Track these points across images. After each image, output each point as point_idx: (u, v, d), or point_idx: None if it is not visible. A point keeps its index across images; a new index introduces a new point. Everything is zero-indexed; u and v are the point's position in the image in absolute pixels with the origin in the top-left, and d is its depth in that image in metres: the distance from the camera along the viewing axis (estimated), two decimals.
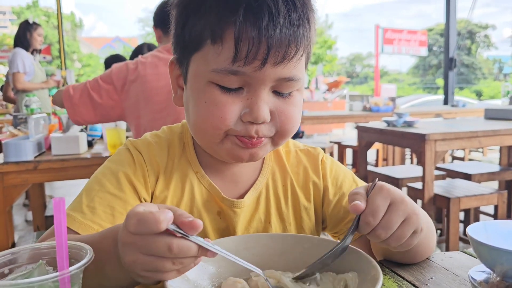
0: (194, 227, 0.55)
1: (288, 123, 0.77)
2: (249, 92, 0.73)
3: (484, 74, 34.89)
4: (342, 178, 0.96)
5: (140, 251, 0.55)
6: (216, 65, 0.71)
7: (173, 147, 0.90)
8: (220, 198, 0.86)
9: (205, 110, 0.74)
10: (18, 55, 4.53)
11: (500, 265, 0.62)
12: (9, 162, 2.26)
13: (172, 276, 0.57)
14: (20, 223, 4.49)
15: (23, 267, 0.57)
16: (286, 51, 0.70)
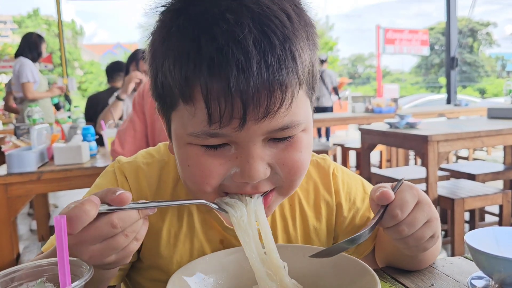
0: (123, 200, 0.57)
1: (294, 173, 0.67)
2: (237, 149, 0.63)
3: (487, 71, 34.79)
4: (355, 192, 0.90)
5: (91, 243, 0.57)
6: (192, 128, 0.62)
7: (167, 170, 0.82)
8: (222, 226, 0.81)
9: (190, 174, 0.67)
10: (26, 66, 4.56)
11: (498, 273, 0.62)
12: (13, 173, 2.27)
13: (133, 246, 0.58)
14: (24, 232, 4.50)
15: (24, 285, 0.57)
16: (268, 104, 0.59)
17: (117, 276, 0.80)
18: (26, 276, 0.58)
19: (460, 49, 8.47)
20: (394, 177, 3.50)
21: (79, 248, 0.57)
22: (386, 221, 0.66)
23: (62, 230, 0.52)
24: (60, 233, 0.52)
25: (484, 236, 0.70)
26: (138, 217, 0.59)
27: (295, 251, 0.74)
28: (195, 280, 0.67)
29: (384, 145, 4.59)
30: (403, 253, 0.76)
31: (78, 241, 0.57)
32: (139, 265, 0.83)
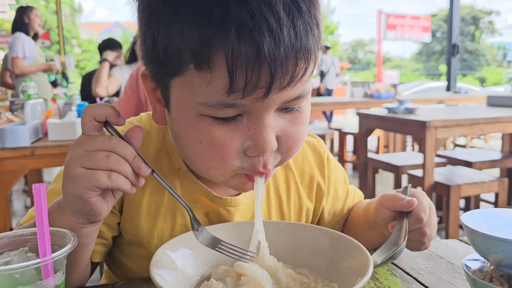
0: (135, 131, 0.60)
1: (295, 146, 0.66)
2: (250, 120, 0.60)
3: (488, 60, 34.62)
4: (340, 181, 0.93)
5: (82, 148, 0.57)
6: (205, 98, 0.57)
7: (148, 139, 0.78)
8: (210, 196, 0.77)
9: (202, 151, 0.63)
10: (18, 40, 4.48)
11: (494, 254, 0.61)
12: (6, 148, 2.25)
13: (102, 178, 0.56)
14: (19, 209, 4.50)
15: (5, 254, 0.55)
16: (294, 72, 0.57)
17: (99, 252, 0.77)
18: (7, 246, 0.56)
19: (461, 37, 8.40)
20: (391, 162, 3.49)
21: (71, 150, 0.59)
22: (412, 224, 0.73)
23: (42, 199, 0.50)
24: (39, 201, 0.50)
25: (480, 217, 0.68)
26: (131, 156, 0.58)
27: (287, 228, 0.73)
28: (180, 255, 0.65)
29: (382, 130, 4.57)
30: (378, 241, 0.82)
31: (77, 142, 0.58)
32: (119, 240, 0.80)
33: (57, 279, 0.52)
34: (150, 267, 0.57)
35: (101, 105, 0.59)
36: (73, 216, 0.61)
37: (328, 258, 0.67)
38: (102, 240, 0.77)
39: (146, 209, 0.76)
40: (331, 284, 0.63)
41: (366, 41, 43.05)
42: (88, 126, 0.58)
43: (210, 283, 0.60)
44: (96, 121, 0.59)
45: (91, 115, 0.58)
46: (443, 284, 0.71)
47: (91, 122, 0.58)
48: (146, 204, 0.77)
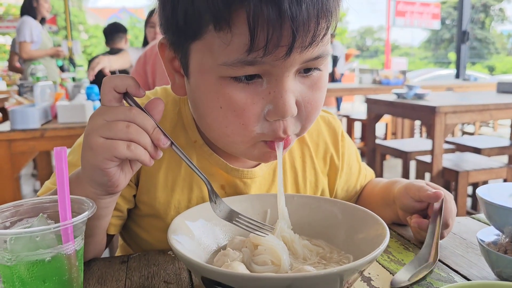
0: (155, 103, 0.60)
1: (314, 113, 0.66)
2: (270, 83, 0.60)
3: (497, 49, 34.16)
4: (353, 158, 0.94)
5: (102, 117, 0.58)
6: (226, 57, 0.57)
7: (164, 112, 0.74)
8: (226, 168, 0.78)
9: (222, 117, 0.63)
10: (26, 24, 4.48)
11: (509, 226, 0.61)
12: (16, 129, 2.26)
13: (122, 148, 0.56)
14: (28, 192, 4.54)
15: (24, 220, 0.56)
16: (315, 31, 0.56)
17: (115, 225, 0.78)
18: (26, 212, 0.57)
19: (471, 24, 8.29)
20: (399, 148, 3.48)
21: (91, 119, 0.59)
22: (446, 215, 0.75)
23: (63, 162, 0.50)
24: (60, 165, 0.50)
25: (496, 191, 0.68)
26: (151, 127, 0.58)
27: (302, 201, 0.73)
28: (197, 225, 0.66)
29: (391, 115, 4.55)
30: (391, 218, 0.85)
31: (98, 111, 0.58)
32: (136, 212, 0.81)
33: (76, 244, 0.53)
34: (168, 234, 0.57)
35: (121, 76, 0.59)
36: (91, 187, 0.61)
37: (344, 229, 0.67)
38: (118, 212, 0.77)
39: (163, 181, 0.77)
40: (346, 254, 0.64)
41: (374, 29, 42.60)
42: (108, 97, 0.58)
43: (226, 252, 0.60)
44: (116, 92, 0.58)
45: (111, 86, 0.58)
46: (456, 257, 0.72)
47: (111, 93, 0.58)
48: (163, 176, 0.77)
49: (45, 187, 0.77)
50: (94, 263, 0.72)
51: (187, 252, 0.53)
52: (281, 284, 0.47)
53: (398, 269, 0.67)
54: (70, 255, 0.52)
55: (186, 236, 0.62)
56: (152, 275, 0.67)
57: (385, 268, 0.68)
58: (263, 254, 0.60)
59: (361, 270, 0.52)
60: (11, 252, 0.50)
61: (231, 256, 0.59)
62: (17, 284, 0.51)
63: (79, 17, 25.50)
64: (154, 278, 0.66)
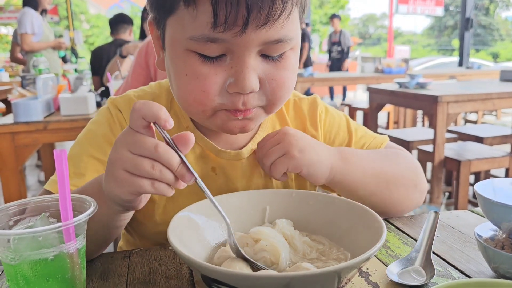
0: (186, 138, 0.57)
1: (279, 89, 0.70)
2: (232, 60, 0.65)
3: (502, 35, 33.85)
4: (335, 131, 0.93)
5: (127, 148, 0.57)
6: (193, 32, 0.63)
7: (158, 101, 0.82)
8: (215, 151, 0.82)
9: (186, 84, 0.68)
10: (27, 15, 4.47)
11: (507, 222, 0.61)
12: (19, 122, 2.28)
13: (146, 185, 0.57)
14: (33, 183, 4.58)
15: (27, 219, 0.57)
16: (270, 11, 0.61)
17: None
18: (29, 211, 0.58)
19: (475, 10, 8.22)
20: (401, 137, 3.47)
21: (117, 145, 0.58)
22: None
23: (63, 165, 0.51)
24: (61, 167, 0.51)
25: (494, 187, 0.68)
26: (176, 165, 0.57)
27: (300, 197, 0.74)
28: (197, 222, 0.67)
29: (392, 105, 4.53)
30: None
31: (124, 139, 0.58)
32: None
33: (78, 242, 0.54)
34: (167, 232, 0.58)
35: (152, 106, 0.56)
36: (113, 205, 0.63)
37: (342, 226, 0.68)
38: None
39: None
40: (344, 251, 0.65)
41: (377, 16, 42.24)
42: (137, 124, 0.57)
43: (227, 249, 0.61)
44: (145, 120, 0.57)
45: (140, 114, 0.56)
46: (454, 252, 0.72)
47: (140, 120, 0.56)
48: None
49: (52, 180, 0.78)
50: (96, 259, 0.73)
51: (186, 250, 0.54)
52: (280, 282, 0.48)
53: None
54: (72, 254, 0.53)
55: (186, 233, 0.63)
56: (154, 270, 0.69)
57: (383, 263, 0.69)
58: (265, 250, 0.60)
59: (359, 267, 0.53)
60: (15, 251, 0.51)
61: (232, 253, 0.60)
62: (21, 282, 0.52)
63: (80, 6, 25.37)
64: (156, 274, 0.67)
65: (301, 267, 0.56)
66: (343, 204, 0.70)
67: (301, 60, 9.08)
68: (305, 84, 5.41)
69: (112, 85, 2.69)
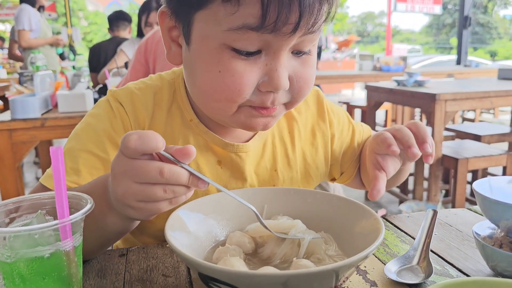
0: (186, 153, 0.55)
1: (306, 87, 0.70)
2: (267, 56, 0.64)
3: (500, 34, 33.86)
4: (342, 122, 0.95)
5: (132, 180, 0.55)
6: (231, 24, 0.60)
7: (160, 93, 0.81)
8: (221, 144, 0.80)
9: (219, 81, 0.65)
10: (24, 12, 4.45)
11: (505, 220, 0.61)
12: (17, 119, 2.27)
13: (164, 206, 0.57)
14: (31, 180, 4.57)
15: (23, 216, 0.57)
16: (317, 16, 0.61)
17: None
18: (25, 208, 0.57)
19: (474, 9, 8.22)
20: None
21: (119, 179, 0.57)
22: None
23: (60, 162, 0.51)
24: (57, 164, 0.50)
25: (492, 185, 0.68)
26: (186, 181, 0.56)
27: (299, 195, 0.73)
28: (195, 220, 0.67)
29: (390, 103, 4.53)
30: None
31: (124, 170, 0.56)
32: None
33: (75, 240, 0.54)
34: (165, 230, 0.58)
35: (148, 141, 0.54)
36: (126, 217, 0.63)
37: (339, 223, 0.68)
38: None
39: None
40: (342, 250, 0.64)
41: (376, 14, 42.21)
42: (133, 156, 0.55)
43: (226, 249, 0.61)
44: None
45: (137, 152, 0.54)
46: (452, 250, 0.72)
47: (136, 154, 0.55)
48: None
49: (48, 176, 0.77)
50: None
51: (184, 248, 0.54)
52: (277, 280, 0.47)
53: None
54: (69, 252, 0.53)
55: (183, 231, 0.63)
56: (151, 268, 0.68)
57: (381, 261, 0.69)
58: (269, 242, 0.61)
59: (357, 265, 0.53)
60: (11, 249, 0.50)
61: (231, 252, 0.60)
62: (17, 280, 0.51)
63: (78, 3, 25.28)
64: (153, 271, 0.67)
65: (299, 264, 0.56)
66: (341, 202, 0.69)
67: None
68: None
69: (110, 82, 2.69)
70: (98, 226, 0.64)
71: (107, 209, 0.62)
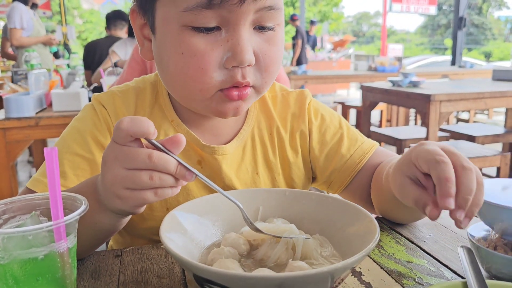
0: (176, 141, 0.56)
1: (272, 65, 0.71)
2: (228, 32, 0.65)
3: (494, 35, 34.06)
4: (327, 124, 0.91)
5: (121, 165, 0.56)
6: (186, 3, 0.63)
7: (142, 95, 0.83)
8: (200, 145, 0.82)
9: (183, 63, 0.67)
10: (16, 10, 4.41)
11: (499, 223, 0.61)
12: (11, 118, 2.25)
13: (149, 196, 0.57)
14: (24, 179, 4.54)
15: (17, 217, 0.56)
16: None
17: None
18: (19, 209, 0.57)
19: (468, 10, 8.25)
20: (394, 135, 3.49)
21: (109, 164, 0.57)
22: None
23: (54, 162, 0.50)
24: (51, 165, 0.50)
25: (486, 187, 0.68)
26: (174, 169, 0.56)
27: (293, 196, 0.73)
28: (190, 221, 0.66)
29: (385, 103, 4.55)
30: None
31: (115, 156, 0.56)
32: None
33: (69, 241, 0.53)
34: (160, 231, 0.58)
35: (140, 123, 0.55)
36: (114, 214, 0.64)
37: (334, 225, 0.68)
38: None
39: None
40: (338, 251, 0.64)
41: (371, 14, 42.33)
42: (123, 141, 0.56)
43: (221, 250, 0.61)
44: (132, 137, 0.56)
45: (128, 133, 0.55)
46: (447, 252, 0.73)
47: (127, 137, 0.55)
48: None
49: (35, 180, 0.77)
50: (87, 257, 0.73)
51: (179, 250, 0.54)
52: (272, 283, 0.47)
53: (389, 263, 0.68)
54: (63, 253, 0.53)
55: (178, 232, 0.62)
56: (145, 269, 0.68)
57: (376, 262, 0.69)
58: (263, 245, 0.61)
59: (352, 267, 0.53)
60: (4, 250, 0.50)
61: (226, 253, 0.60)
62: (10, 282, 0.51)
63: (73, 1, 25.16)
64: (147, 273, 0.67)
65: (294, 267, 0.56)
66: (336, 203, 0.69)
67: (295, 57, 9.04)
68: (298, 82, 5.41)
69: (105, 81, 2.68)
70: (87, 225, 0.63)
71: (96, 207, 0.63)
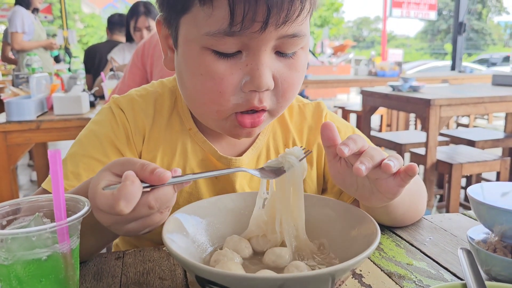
0: (163, 180, 0.53)
1: (290, 91, 0.70)
2: (248, 56, 0.65)
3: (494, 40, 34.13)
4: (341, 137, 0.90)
5: (127, 223, 0.56)
6: (208, 28, 0.62)
7: (161, 101, 0.83)
8: (216, 156, 0.82)
9: (201, 84, 0.67)
10: (17, 14, 4.42)
11: (499, 225, 0.62)
12: (12, 121, 2.26)
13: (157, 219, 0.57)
14: (25, 183, 4.54)
15: (20, 219, 0.57)
16: (289, 11, 0.61)
17: None
18: (23, 211, 0.57)
19: (468, 15, 8.29)
20: (394, 140, 3.49)
21: (115, 227, 0.57)
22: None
23: (57, 165, 0.51)
24: (55, 167, 0.51)
25: (486, 190, 0.69)
26: (173, 193, 0.56)
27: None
28: (192, 223, 0.67)
29: (386, 108, 4.55)
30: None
31: (115, 221, 0.55)
32: None
33: (72, 242, 0.54)
34: (162, 232, 0.58)
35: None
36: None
37: (336, 227, 0.68)
38: None
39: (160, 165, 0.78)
40: (338, 253, 0.65)
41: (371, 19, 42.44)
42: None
43: (224, 252, 0.61)
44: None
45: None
46: (447, 254, 0.73)
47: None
48: (160, 160, 0.82)
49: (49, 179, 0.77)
50: (90, 259, 0.73)
51: (181, 251, 0.54)
52: (274, 284, 0.48)
53: (389, 266, 0.69)
54: (66, 254, 0.53)
55: (180, 234, 0.63)
56: (147, 271, 0.68)
57: (376, 265, 0.69)
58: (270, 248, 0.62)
59: (353, 269, 0.53)
60: (8, 251, 0.50)
61: (228, 256, 0.60)
62: (14, 282, 0.51)
63: (74, 6, 25.23)
64: (149, 274, 0.67)
65: (295, 268, 0.56)
66: (337, 206, 0.70)
67: None
68: None
69: (107, 85, 2.68)
70: (91, 227, 0.64)
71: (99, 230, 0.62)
